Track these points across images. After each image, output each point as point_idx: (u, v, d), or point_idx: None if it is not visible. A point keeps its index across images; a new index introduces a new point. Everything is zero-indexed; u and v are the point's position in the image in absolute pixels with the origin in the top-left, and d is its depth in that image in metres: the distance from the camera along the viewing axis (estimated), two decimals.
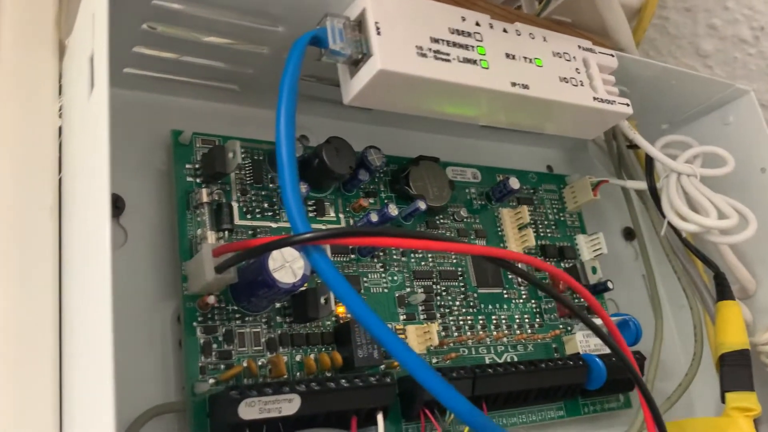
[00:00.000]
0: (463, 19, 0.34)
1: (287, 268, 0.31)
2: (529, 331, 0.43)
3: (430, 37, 0.32)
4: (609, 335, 0.34)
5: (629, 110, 0.39)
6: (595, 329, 0.32)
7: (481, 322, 0.42)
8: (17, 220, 0.29)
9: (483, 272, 0.43)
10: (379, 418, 0.33)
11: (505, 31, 0.35)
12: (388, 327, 0.27)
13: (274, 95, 0.29)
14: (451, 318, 0.41)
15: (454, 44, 0.33)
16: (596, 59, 0.39)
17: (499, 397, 0.38)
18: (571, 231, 0.49)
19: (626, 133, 0.44)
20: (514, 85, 0.34)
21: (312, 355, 0.34)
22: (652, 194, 0.44)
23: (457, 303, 0.41)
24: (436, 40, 0.32)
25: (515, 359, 0.42)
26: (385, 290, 0.39)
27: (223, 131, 0.37)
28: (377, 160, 0.39)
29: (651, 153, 0.43)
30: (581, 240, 0.48)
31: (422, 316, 0.39)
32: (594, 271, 0.47)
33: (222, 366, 0.32)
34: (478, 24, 0.34)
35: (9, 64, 0.31)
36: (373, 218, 0.38)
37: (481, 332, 0.41)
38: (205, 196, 0.34)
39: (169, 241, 0.34)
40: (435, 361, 0.39)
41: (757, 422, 0.40)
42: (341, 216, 0.39)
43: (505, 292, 0.44)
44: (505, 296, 0.43)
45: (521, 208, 0.45)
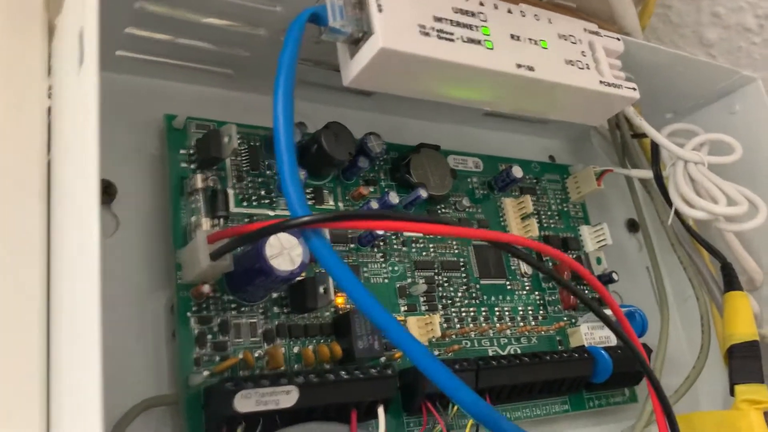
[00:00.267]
0: None
1: (285, 255, 0.30)
2: (532, 323, 0.42)
3: (434, 16, 0.31)
4: (619, 326, 0.33)
5: (636, 95, 0.38)
6: (605, 320, 0.31)
7: (483, 313, 0.40)
8: (4, 206, 0.28)
9: (485, 263, 0.42)
10: (380, 411, 0.32)
11: (509, 11, 0.34)
12: (391, 315, 0.26)
13: (271, 80, 0.28)
14: (453, 309, 0.39)
15: (458, 24, 0.32)
16: (602, 42, 0.38)
17: (503, 390, 0.37)
18: (575, 222, 0.48)
19: (632, 119, 0.43)
20: (519, 66, 0.33)
21: (311, 347, 0.33)
22: (658, 183, 0.43)
23: (459, 294, 0.40)
24: (439, 19, 0.31)
25: (519, 352, 0.40)
26: (386, 281, 0.38)
27: (218, 116, 0.36)
28: (377, 146, 0.38)
29: (657, 140, 0.42)
30: (585, 231, 0.47)
31: (424, 308, 0.38)
32: (599, 261, 0.46)
33: (217, 357, 0.31)
34: (482, 4, 0.33)
35: None
36: (374, 207, 0.37)
37: (484, 324, 0.40)
38: (199, 181, 0.33)
39: (163, 228, 0.33)
40: (437, 353, 0.38)
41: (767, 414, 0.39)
42: (340, 204, 0.38)
43: (508, 283, 0.42)
44: (509, 287, 0.42)
45: (524, 197, 0.44)
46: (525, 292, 0.43)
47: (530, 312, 0.43)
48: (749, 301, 0.42)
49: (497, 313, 0.41)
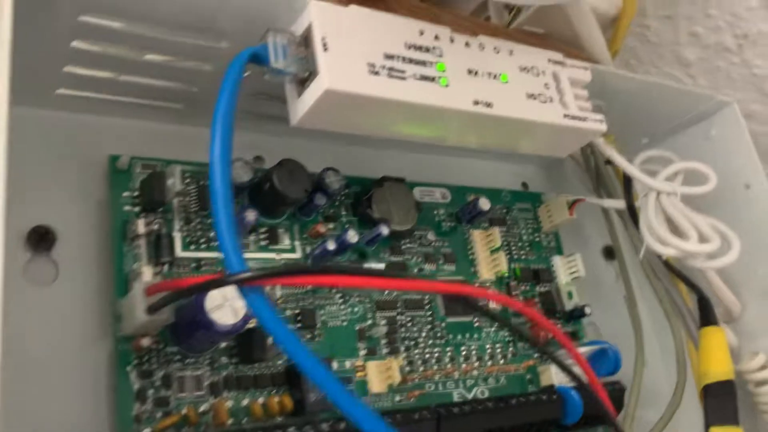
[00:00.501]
0: (422, 32, 0.31)
1: (227, 307, 0.28)
2: (501, 361, 0.41)
3: (384, 54, 0.30)
4: (582, 373, 0.31)
5: (603, 127, 0.36)
6: (564, 368, 0.30)
7: (449, 354, 0.39)
8: None
9: (453, 299, 0.40)
10: None
11: (467, 45, 0.33)
12: (332, 373, 0.24)
13: None
14: (416, 351, 0.38)
15: (411, 60, 0.30)
16: (567, 73, 0.36)
17: None
18: (548, 252, 0.46)
19: (602, 150, 0.41)
20: (476, 103, 0.32)
21: (261, 399, 0.32)
22: (631, 214, 0.42)
23: (423, 334, 0.38)
24: (390, 57, 0.30)
25: (486, 393, 0.39)
26: (345, 323, 0.36)
27: (167, 154, 0.34)
28: (335, 183, 0.36)
29: (628, 171, 0.41)
30: (558, 262, 0.46)
31: (384, 350, 0.37)
32: (570, 296, 0.45)
33: (159, 414, 0.29)
34: (437, 38, 0.32)
35: None
36: (330, 246, 0.35)
37: (449, 365, 0.38)
38: (141, 226, 0.31)
39: (105, 276, 0.32)
40: (398, 399, 0.36)
41: None
42: (297, 243, 0.36)
43: (475, 320, 0.41)
44: (476, 325, 0.41)
45: (492, 230, 0.43)
46: (493, 330, 0.41)
47: (499, 350, 0.41)
48: (725, 336, 0.40)
49: (463, 353, 0.39)
